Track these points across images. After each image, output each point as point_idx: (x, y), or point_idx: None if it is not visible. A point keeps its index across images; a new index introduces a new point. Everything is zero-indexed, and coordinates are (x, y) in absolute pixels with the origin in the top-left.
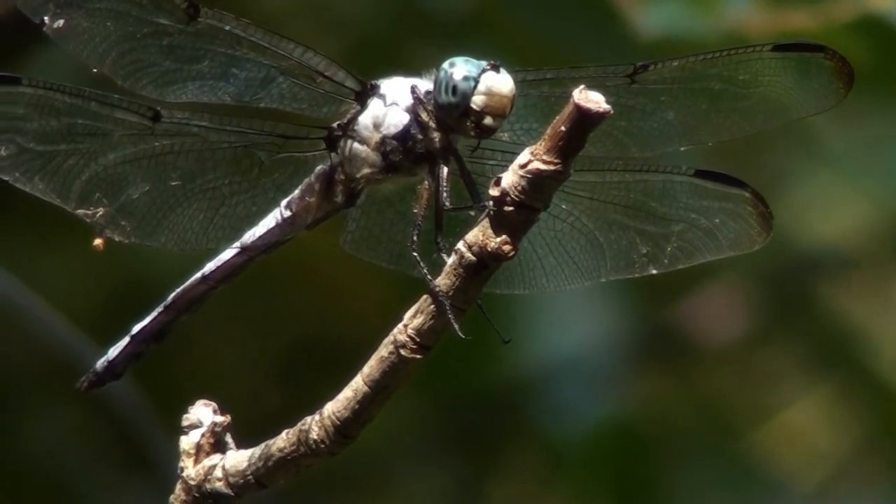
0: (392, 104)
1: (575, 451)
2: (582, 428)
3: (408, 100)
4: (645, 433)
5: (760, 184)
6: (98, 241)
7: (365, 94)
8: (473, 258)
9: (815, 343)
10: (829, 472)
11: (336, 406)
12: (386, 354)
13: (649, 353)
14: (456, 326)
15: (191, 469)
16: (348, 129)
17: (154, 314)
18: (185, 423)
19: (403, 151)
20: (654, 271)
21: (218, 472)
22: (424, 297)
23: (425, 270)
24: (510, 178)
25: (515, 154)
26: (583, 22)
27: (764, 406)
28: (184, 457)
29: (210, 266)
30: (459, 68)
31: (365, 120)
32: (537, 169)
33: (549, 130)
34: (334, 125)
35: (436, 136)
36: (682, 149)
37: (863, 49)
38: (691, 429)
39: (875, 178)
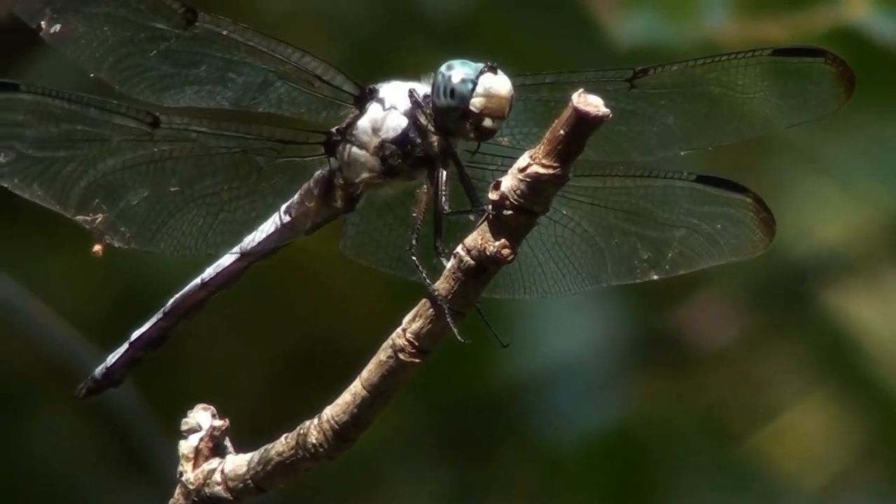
0: (390, 108)
1: (571, 456)
2: (579, 433)
3: (406, 103)
4: (642, 439)
5: (757, 189)
6: (97, 248)
7: (363, 98)
8: (472, 262)
9: (814, 347)
10: (829, 477)
11: (335, 410)
12: (384, 359)
13: (646, 358)
14: (454, 330)
15: (190, 473)
16: (347, 134)
17: (153, 320)
18: (184, 427)
19: (402, 155)
20: (656, 277)
21: (217, 477)
22: (423, 301)
23: (424, 274)
24: (509, 182)
25: (514, 158)
26: (562, 30)
27: (762, 411)
28: (183, 461)
29: (209, 272)
30: (457, 71)
31: (363, 124)
32: (536, 173)
33: (548, 134)
34: (333, 130)
35: (434, 139)
36: (681, 153)
37: None
38: (689, 434)
39: (868, 182)
